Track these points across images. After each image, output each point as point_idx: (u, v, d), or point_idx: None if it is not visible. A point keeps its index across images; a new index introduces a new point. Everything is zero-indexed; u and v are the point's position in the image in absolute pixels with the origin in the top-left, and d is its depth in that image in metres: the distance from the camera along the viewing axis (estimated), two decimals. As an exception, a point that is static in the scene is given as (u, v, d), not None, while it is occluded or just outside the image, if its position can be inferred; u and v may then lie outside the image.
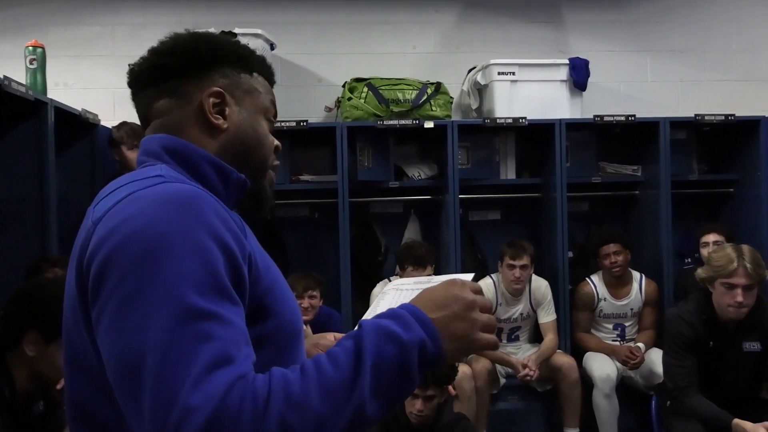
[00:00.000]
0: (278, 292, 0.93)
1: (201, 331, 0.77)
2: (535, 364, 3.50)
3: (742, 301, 2.57)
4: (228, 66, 1.02)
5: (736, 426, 2.50)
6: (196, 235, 0.81)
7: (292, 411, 0.77)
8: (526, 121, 3.80)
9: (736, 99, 4.22)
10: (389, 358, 0.82)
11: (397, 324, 0.85)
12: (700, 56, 4.41)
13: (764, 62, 4.39)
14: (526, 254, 3.60)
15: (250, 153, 1.02)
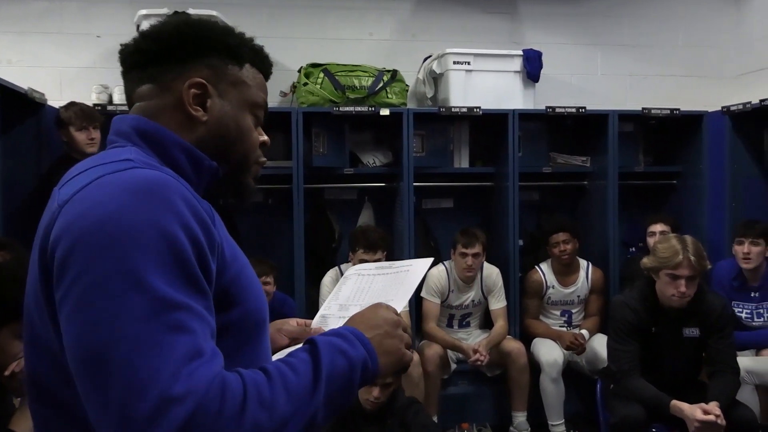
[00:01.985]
0: (244, 281, 0.93)
1: (174, 321, 0.77)
2: (486, 350, 3.57)
3: (685, 292, 2.68)
4: (216, 55, 0.99)
5: (674, 407, 2.62)
6: (166, 224, 0.80)
7: (263, 411, 0.79)
8: (481, 111, 3.85)
9: (681, 94, 4.35)
10: (340, 371, 0.89)
11: (344, 341, 0.92)
12: (648, 51, 4.53)
13: (709, 59, 4.54)
14: (478, 242, 3.66)
15: (230, 148, 1.00)
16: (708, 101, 4.19)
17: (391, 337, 0.98)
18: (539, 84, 4.09)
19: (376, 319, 0.99)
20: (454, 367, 3.78)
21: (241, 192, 1.04)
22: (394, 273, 1.28)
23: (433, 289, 3.74)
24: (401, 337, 1.00)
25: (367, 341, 0.94)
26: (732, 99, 4.02)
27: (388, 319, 1.00)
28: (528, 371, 3.66)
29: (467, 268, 3.67)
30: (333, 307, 1.32)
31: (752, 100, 3.75)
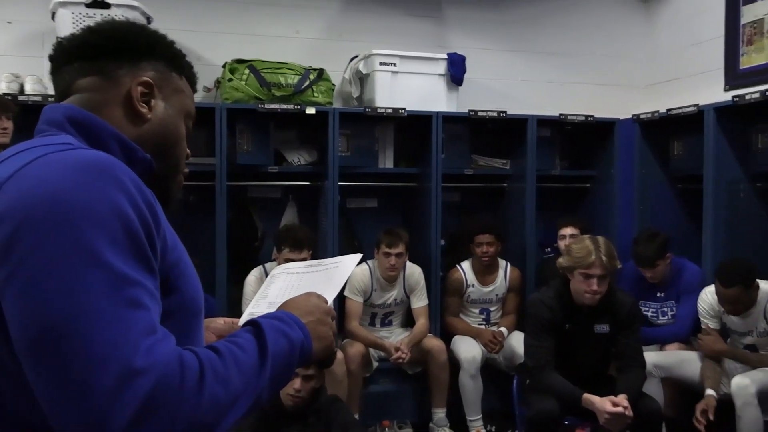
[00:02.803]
0: (183, 268, 0.94)
1: (130, 297, 0.77)
2: (407, 347, 3.62)
3: (596, 290, 2.82)
4: (162, 62, 1.03)
5: (586, 400, 2.75)
6: (118, 202, 0.80)
7: (220, 386, 0.81)
8: (406, 112, 3.90)
9: (596, 101, 4.54)
10: (282, 351, 0.92)
11: (283, 324, 0.96)
12: (566, 60, 4.71)
13: (621, 68, 4.76)
14: (401, 242, 3.71)
15: (168, 150, 1.03)
16: (620, 109, 4.39)
17: (323, 324, 1.02)
18: (462, 87, 4.18)
19: (310, 306, 1.03)
20: (376, 365, 3.82)
21: (166, 196, 1.04)
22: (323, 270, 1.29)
23: (356, 288, 3.77)
24: (331, 325, 1.05)
25: (303, 325, 0.98)
26: (642, 107, 4.24)
27: (321, 306, 1.05)
28: (448, 368, 3.73)
29: (390, 267, 3.71)
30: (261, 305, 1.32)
31: (660, 108, 3.96)
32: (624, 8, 4.77)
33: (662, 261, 3.55)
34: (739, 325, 3.25)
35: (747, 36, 3.97)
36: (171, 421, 0.75)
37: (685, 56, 4.41)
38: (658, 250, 3.51)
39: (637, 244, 3.57)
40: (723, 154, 3.55)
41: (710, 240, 3.55)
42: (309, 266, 1.33)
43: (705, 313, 3.32)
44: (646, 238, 3.56)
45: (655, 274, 3.58)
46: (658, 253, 3.51)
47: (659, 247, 3.51)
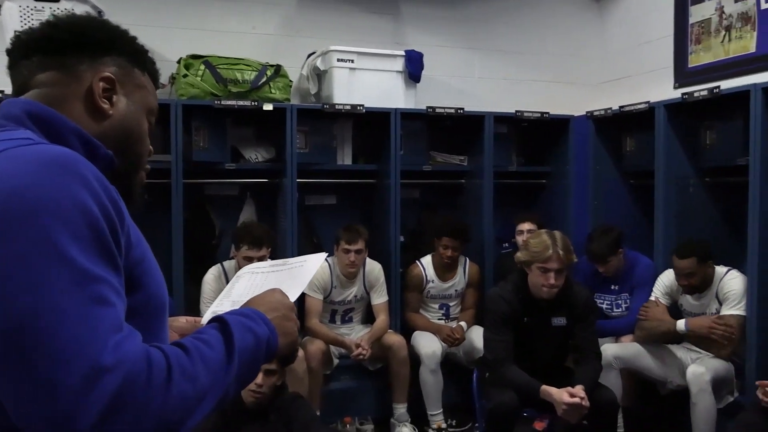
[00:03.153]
0: (147, 264, 0.93)
1: (96, 293, 0.76)
2: (368, 344, 3.63)
3: (554, 283, 2.87)
4: (124, 57, 1.02)
5: (544, 392, 2.79)
6: (82, 198, 0.79)
7: (187, 382, 0.81)
8: (364, 109, 3.90)
9: (551, 98, 4.62)
10: (248, 347, 0.92)
11: (249, 320, 0.96)
12: (521, 57, 4.77)
13: (575, 66, 4.85)
14: (360, 239, 3.71)
15: (130, 146, 1.02)
16: (574, 106, 4.47)
17: (288, 319, 1.03)
18: (420, 84, 4.20)
19: (274, 302, 1.04)
20: (336, 363, 3.81)
21: (129, 193, 1.03)
22: (288, 269, 1.29)
23: (315, 285, 3.75)
24: (296, 320, 1.06)
25: (268, 321, 0.98)
26: (595, 104, 4.32)
27: (285, 302, 1.06)
28: (408, 364, 3.75)
29: (350, 264, 3.71)
30: (225, 304, 1.32)
31: (613, 106, 4.05)
32: (577, 7, 4.86)
33: (614, 257, 3.63)
34: (694, 306, 3.36)
35: (695, 35, 4.09)
36: (139, 419, 0.75)
37: (637, 54, 4.52)
38: (611, 247, 3.59)
39: (591, 240, 3.65)
40: (673, 149, 3.65)
41: (661, 233, 3.64)
42: (273, 266, 1.34)
43: (659, 290, 3.43)
44: (599, 234, 3.64)
45: (608, 268, 3.67)
46: (610, 250, 3.59)
47: (612, 243, 3.59)
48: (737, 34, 3.82)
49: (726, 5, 3.87)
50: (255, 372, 0.95)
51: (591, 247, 3.63)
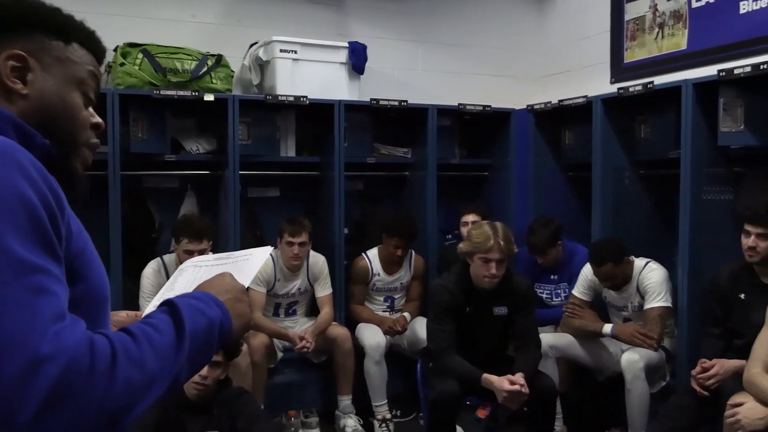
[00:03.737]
0: (89, 255, 0.91)
1: (36, 283, 0.75)
2: (312, 336, 3.62)
3: (495, 273, 2.92)
4: (40, 30, 0.96)
5: (485, 380, 2.84)
6: (21, 188, 0.77)
7: (133, 367, 0.79)
8: (307, 100, 3.87)
9: (492, 92, 4.67)
10: (200, 330, 0.91)
11: (200, 302, 0.95)
12: (464, 51, 4.82)
13: (516, 60, 4.93)
14: (304, 231, 3.69)
15: (55, 124, 0.96)
16: (515, 100, 4.54)
17: (240, 301, 1.03)
18: (364, 76, 4.20)
19: (225, 285, 1.03)
20: (280, 356, 3.79)
21: (69, 179, 0.98)
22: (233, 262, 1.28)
23: (258, 279, 3.72)
24: (248, 302, 1.07)
25: (221, 303, 0.97)
26: (535, 98, 4.40)
27: (236, 285, 1.05)
28: (353, 356, 3.76)
29: (294, 256, 3.69)
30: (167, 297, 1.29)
31: (552, 99, 4.14)
32: (517, 2, 4.93)
33: (553, 249, 3.72)
34: (617, 299, 3.47)
35: (630, 32, 4.21)
36: (82, 406, 0.74)
37: (575, 50, 4.62)
38: (550, 239, 3.68)
39: (531, 232, 3.73)
40: (609, 142, 3.75)
41: (598, 224, 3.74)
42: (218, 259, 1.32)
43: (582, 284, 3.52)
44: (539, 226, 3.72)
45: (547, 260, 3.76)
46: (549, 242, 3.68)
47: (551, 235, 3.68)
48: (670, 31, 3.95)
49: (659, 3, 4.00)
50: (209, 355, 0.93)
51: (531, 239, 3.71)
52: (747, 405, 2.44)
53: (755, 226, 2.81)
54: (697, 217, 3.26)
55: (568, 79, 4.63)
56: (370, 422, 3.73)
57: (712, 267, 3.15)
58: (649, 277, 3.33)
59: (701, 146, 3.25)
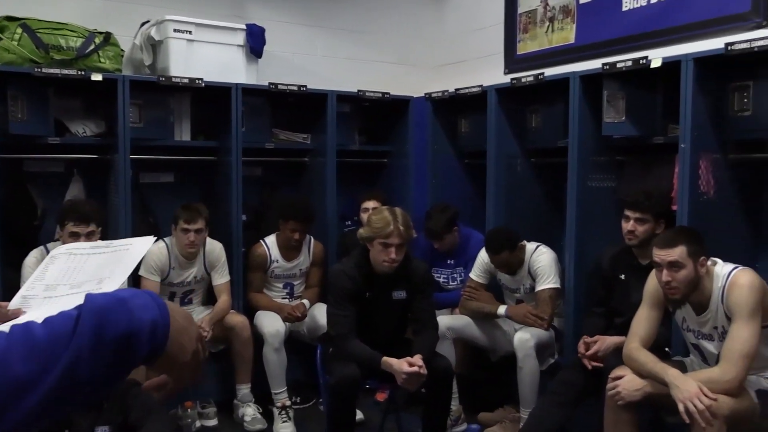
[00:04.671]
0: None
1: None
2: (209, 325, 3.54)
3: (394, 258, 2.96)
4: None
5: (385, 363, 2.89)
6: None
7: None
8: (203, 83, 3.75)
9: (392, 79, 4.73)
10: (114, 324, 0.78)
11: (135, 296, 0.83)
12: (364, 37, 4.83)
13: (415, 49, 4.99)
14: (200, 218, 3.60)
15: None
16: (414, 87, 4.61)
17: (192, 339, 0.89)
18: (262, 60, 4.12)
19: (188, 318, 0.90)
20: (176, 346, 3.68)
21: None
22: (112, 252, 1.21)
23: (152, 267, 3.59)
24: (199, 350, 0.91)
25: (166, 315, 0.84)
26: (433, 86, 4.48)
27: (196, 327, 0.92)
28: (251, 344, 3.71)
29: (189, 244, 3.59)
30: (37, 288, 1.21)
31: (449, 88, 4.22)
32: (417, -9, 5.00)
33: (450, 234, 3.82)
34: (511, 282, 3.62)
35: (523, 24, 4.36)
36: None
37: (471, 40, 4.74)
38: (446, 224, 3.77)
39: (428, 218, 3.81)
40: (503, 131, 3.88)
41: (492, 210, 3.88)
42: (95, 248, 1.25)
43: (478, 268, 3.65)
44: (436, 212, 3.81)
45: (443, 245, 3.85)
46: (445, 227, 3.78)
47: (447, 221, 3.78)
48: (559, 25, 4.13)
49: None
50: (130, 355, 0.79)
51: (428, 224, 3.79)
52: (626, 377, 2.61)
53: (634, 211, 3.00)
54: (582, 203, 3.43)
55: (465, 68, 4.74)
56: (269, 410, 3.71)
57: (596, 250, 3.34)
58: (539, 260, 3.48)
59: (587, 136, 3.43)
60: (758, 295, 2.43)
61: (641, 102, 3.29)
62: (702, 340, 2.63)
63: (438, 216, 3.78)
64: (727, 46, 2.80)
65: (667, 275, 2.50)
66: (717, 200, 3.02)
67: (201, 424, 3.67)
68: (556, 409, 3.00)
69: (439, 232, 3.77)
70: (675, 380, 2.42)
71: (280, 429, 3.59)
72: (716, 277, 2.54)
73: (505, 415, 3.56)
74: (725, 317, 2.50)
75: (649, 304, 2.71)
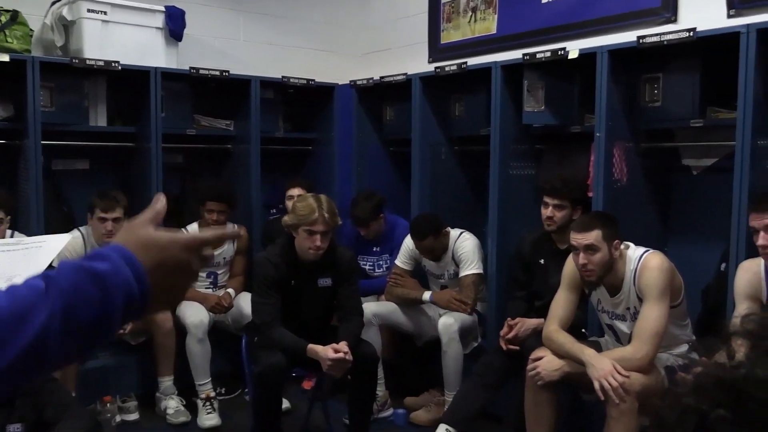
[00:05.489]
0: None
1: None
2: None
3: (320, 245, 2.95)
4: None
5: (310, 350, 2.88)
6: None
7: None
8: (120, 66, 3.62)
9: (317, 66, 4.69)
10: (86, 308, 0.69)
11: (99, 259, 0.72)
12: (288, 23, 4.76)
13: (340, 36, 4.97)
14: (118, 206, 3.48)
15: None
16: (339, 75, 4.58)
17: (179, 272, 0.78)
18: (183, 44, 4.01)
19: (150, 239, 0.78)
20: (93, 339, 3.55)
21: None
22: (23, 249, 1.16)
23: (66, 258, 3.44)
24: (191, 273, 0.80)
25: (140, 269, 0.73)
26: (358, 74, 4.47)
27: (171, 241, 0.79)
28: (174, 335, 3.62)
29: (107, 233, 3.46)
30: None
31: (374, 76, 4.23)
32: (341, -22, 4.97)
33: (375, 221, 3.84)
34: (435, 268, 3.68)
35: (446, 14, 4.41)
36: None
37: (396, 28, 4.76)
38: (372, 212, 3.79)
39: (354, 205, 3.82)
40: (427, 119, 3.93)
41: (417, 197, 3.92)
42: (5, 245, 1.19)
43: (403, 255, 3.70)
44: (362, 199, 3.82)
45: (369, 232, 3.87)
46: (371, 215, 3.79)
47: (373, 208, 3.80)
48: (482, 15, 4.20)
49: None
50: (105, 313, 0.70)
51: (354, 211, 3.80)
52: (545, 358, 2.71)
53: (552, 198, 3.10)
54: (504, 190, 3.52)
55: (390, 56, 4.76)
56: (193, 402, 3.63)
57: (517, 236, 3.43)
58: (463, 247, 3.55)
59: (508, 124, 3.51)
60: (667, 276, 2.57)
61: (559, 92, 3.39)
62: (616, 321, 2.75)
63: (364, 203, 3.79)
64: (639, 40, 2.93)
65: (584, 258, 2.60)
66: (629, 187, 3.16)
67: (121, 419, 3.56)
68: (480, 391, 3.08)
69: (366, 219, 3.79)
70: (591, 359, 2.53)
71: (204, 421, 3.53)
72: (629, 260, 2.66)
73: (430, 399, 3.62)
74: (637, 298, 2.62)
75: (566, 287, 2.82)
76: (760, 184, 2.59)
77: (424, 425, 3.47)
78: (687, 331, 2.79)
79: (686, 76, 2.99)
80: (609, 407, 2.48)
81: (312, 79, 4.37)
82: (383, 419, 3.58)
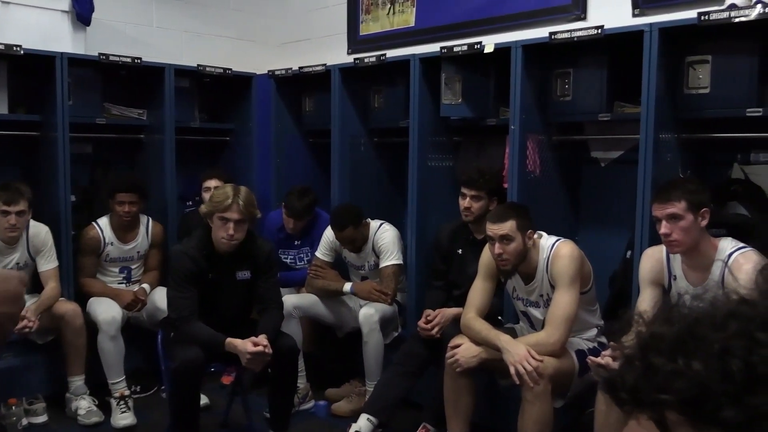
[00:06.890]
0: None
1: None
2: (35, 315, 3.27)
3: (233, 234, 2.90)
4: None
5: (229, 344, 2.84)
6: None
7: None
8: (21, 50, 3.43)
9: (234, 55, 4.60)
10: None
11: None
12: (203, 11, 4.64)
13: (258, 25, 4.89)
14: (22, 199, 3.31)
15: None
16: (257, 64, 4.51)
17: None
18: (91, 29, 3.85)
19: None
20: None
21: None
22: None
23: (-35, 254, 3.25)
24: None
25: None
26: (277, 64, 4.41)
27: None
28: (84, 333, 3.48)
29: (10, 227, 3.30)
30: None
31: (293, 66, 4.18)
32: (258, -35, 4.88)
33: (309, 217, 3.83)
34: (356, 260, 3.70)
35: (365, 6, 4.42)
36: None
37: (314, 19, 4.72)
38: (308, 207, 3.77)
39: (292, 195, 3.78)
40: (347, 111, 3.92)
41: (337, 188, 3.91)
42: None
43: (324, 247, 3.70)
44: (301, 194, 3.79)
45: (296, 227, 3.84)
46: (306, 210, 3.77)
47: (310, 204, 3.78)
48: (400, 8, 4.22)
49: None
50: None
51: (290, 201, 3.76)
52: (464, 346, 2.77)
53: (469, 189, 3.17)
54: (423, 181, 3.57)
55: (309, 46, 4.72)
56: (106, 402, 3.50)
57: (436, 226, 3.49)
58: (382, 238, 3.58)
59: (427, 117, 3.55)
60: (577, 264, 2.67)
61: (476, 85, 3.46)
62: (530, 308, 2.85)
63: (302, 198, 3.77)
64: (550, 35, 3.02)
65: (499, 248, 2.67)
66: (542, 178, 3.26)
67: (28, 422, 3.39)
68: (400, 380, 3.12)
69: (302, 212, 3.76)
70: (506, 345, 2.61)
71: (118, 420, 3.41)
72: (542, 248, 2.75)
73: (351, 390, 3.64)
74: (549, 285, 2.72)
75: (483, 275, 2.89)
76: (662, 176, 2.73)
77: (345, 416, 3.48)
78: (596, 316, 2.92)
79: (594, 72, 3.11)
80: (524, 390, 2.56)
81: (229, 68, 4.28)
82: (304, 412, 3.57)
